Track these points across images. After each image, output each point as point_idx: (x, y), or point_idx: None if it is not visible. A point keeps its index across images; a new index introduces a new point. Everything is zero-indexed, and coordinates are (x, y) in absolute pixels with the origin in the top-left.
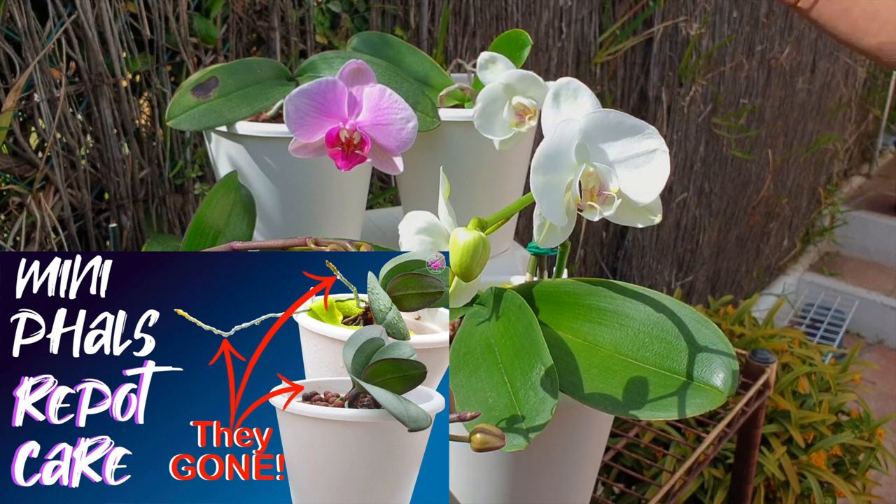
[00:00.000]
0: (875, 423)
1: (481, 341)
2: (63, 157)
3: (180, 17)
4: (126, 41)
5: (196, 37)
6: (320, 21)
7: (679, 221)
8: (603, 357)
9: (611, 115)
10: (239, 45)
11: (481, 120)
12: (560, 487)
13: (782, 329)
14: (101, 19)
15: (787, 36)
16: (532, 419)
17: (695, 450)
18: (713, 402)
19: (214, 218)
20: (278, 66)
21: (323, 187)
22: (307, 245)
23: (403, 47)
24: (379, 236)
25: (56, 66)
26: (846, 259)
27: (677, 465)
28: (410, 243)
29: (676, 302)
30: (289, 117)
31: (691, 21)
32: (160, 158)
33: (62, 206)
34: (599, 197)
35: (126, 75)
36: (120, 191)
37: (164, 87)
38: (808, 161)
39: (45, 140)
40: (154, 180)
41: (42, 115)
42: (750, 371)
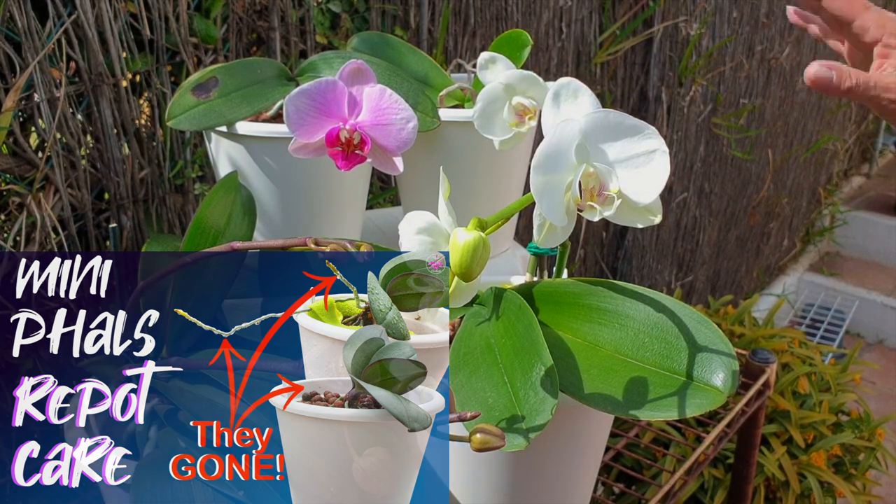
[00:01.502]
0: (875, 423)
1: (481, 341)
2: (63, 157)
3: (180, 17)
4: (126, 41)
5: (196, 37)
6: (320, 21)
7: (679, 221)
8: (603, 357)
9: (611, 115)
10: (239, 45)
11: (481, 120)
12: (560, 487)
13: (782, 329)
14: (101, 19)
15: (787, 36)
16: (532, 419)
17: (695, 450)
18: (713, 402)
19: (215, 218)
20: (278, 66)
21: (323, 187)
22: (307, 245)
23: (403, 47)
24: (379, 236)
25: (56, 66)
26: (846, 259)
27: (677, 465)
28: (410, 243)
29: (676, 302)
30: (289, 117)
31: (691, 21)
32: (160, 158)
33: (62, 206)
34: (599, 197)
35: (126, 75)
36: (120, 191)
37: (164, 87)
38: (808, 161)
39: (45, 140)
40: (154, 180)
41: (42, 115)
42: (750, 371)
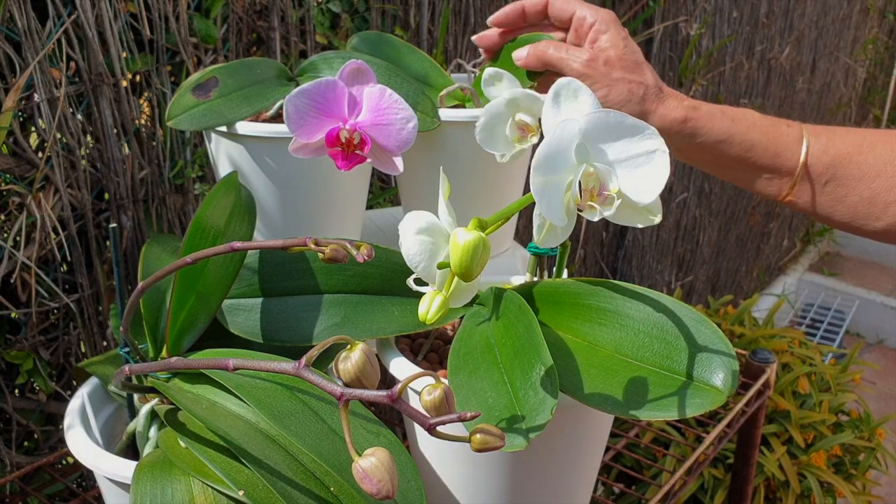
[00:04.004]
0: (875, 423)
1: (481, 341)
2: (63, 157)
3: (180, 17)
4: (126, 41)
5: (196, 37)
6: (320, 21)
7: (679, 221)
8: (603, 357)
9: (611, 115)
10: (239, 45)
11: (484, 134)
12: (560, 487)
13: (782, 329)
14: (101, 19)
15: (787, 36)
16: (532, 419)
17: (695, 450)
18: (713, 402)
19: (215, 218)
20: (278, 66)
21: (323, 187)
22: (307, 245)
23: (403, 47)
24: (379, 236)
25: (56, 66)
26: (846, 259)
27: (677, 465)
28: (410, 243)
29: (676, 302)
30: (289, 117)
31: (691, 21)
32: (160, 158)
33: (62, 206)
34: (599, 197)
35: (126, 75)
36: (120, 191)
37: (164, 87)
38: None
39: (45, 140)
40: (154, 180)
41: (42, 115)
42: (750, 371)
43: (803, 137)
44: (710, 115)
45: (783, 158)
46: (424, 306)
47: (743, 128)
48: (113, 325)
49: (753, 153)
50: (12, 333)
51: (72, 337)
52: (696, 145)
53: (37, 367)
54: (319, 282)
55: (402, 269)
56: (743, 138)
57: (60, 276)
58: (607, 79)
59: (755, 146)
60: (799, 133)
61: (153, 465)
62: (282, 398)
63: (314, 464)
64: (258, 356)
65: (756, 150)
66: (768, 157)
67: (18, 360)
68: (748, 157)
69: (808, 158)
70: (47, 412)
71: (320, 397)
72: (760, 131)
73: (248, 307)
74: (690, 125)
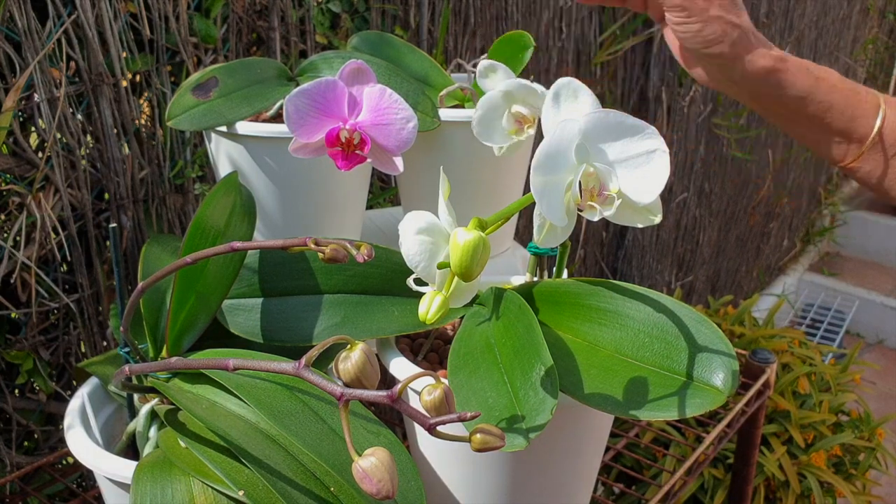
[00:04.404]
0: (875, 423)
1: (481, 341)
2: (63, 157)
3: (180, 17)
4: (126, 41)
5: (196, 37)
6: (320, 21)
7: (679, 221)
8: (603, 357)
9: (610, 115)
10: (239, 45)
11: (480, 127)
12: (560, 487)
13: (782, 329)
14: (101, 19)
15: (787, 36)
16: (532, 419)
17: (695, 450)
18: (713, 402)
19: (215, 218)
20: (278, 66)
21: (323, 187)
22: (307, 245)
23: (403, 47)
24: (379, 236)
25: (56, 66)
26: (846, 259)
27: (677, 465)
28: (410, 243)
29: (676, 302)
30: (289, 117)
31: None
32: (160, 158)
33: (62, 206)
34: (599, 197)
35: (126, 75)
36: (120, 191)
37: (164, 87)
38: (808, 161)
39: (45, 140)
40: (154, 180)
41: (42, 115)
42: (750, 371)
43: (881, 106)
44: (796, 70)
45: (857, 124)
46: (424, 306)
47: (825, 87)
48: (113, 325)
49: (830, 115)
50: (12, 333)
51: (72, 337)
52: (776, 97)
53: (37, 367)
54: (319, 282)
55: (402, 269)
56: (823, 97)
57: (60, 276)
58: (704, 14)
59: (833, 108)
60: (877, 102)
61: (153, 465)
62: (282, 398)
63: (314, 464)
64: (258, 356)
65: (833, 112)
66: (844, 120)
67: (18, 360)
68: (824, 118)
69: (884, 128)
70: (47, 412)
71: (320, 397)
72: (841, 93)
73: (248, 307)
74: (776, 77)
